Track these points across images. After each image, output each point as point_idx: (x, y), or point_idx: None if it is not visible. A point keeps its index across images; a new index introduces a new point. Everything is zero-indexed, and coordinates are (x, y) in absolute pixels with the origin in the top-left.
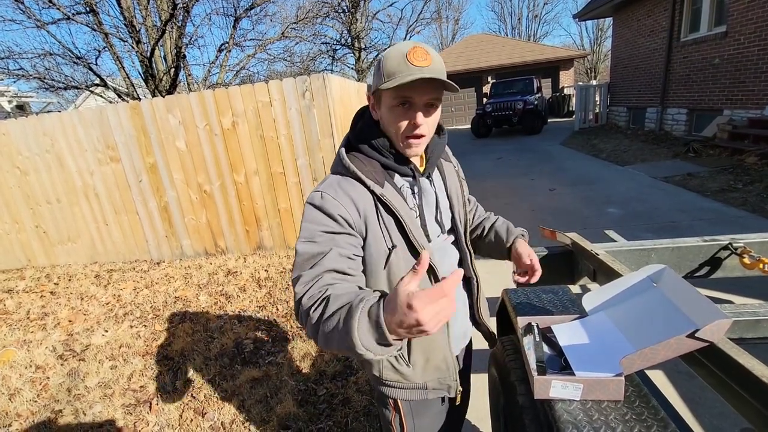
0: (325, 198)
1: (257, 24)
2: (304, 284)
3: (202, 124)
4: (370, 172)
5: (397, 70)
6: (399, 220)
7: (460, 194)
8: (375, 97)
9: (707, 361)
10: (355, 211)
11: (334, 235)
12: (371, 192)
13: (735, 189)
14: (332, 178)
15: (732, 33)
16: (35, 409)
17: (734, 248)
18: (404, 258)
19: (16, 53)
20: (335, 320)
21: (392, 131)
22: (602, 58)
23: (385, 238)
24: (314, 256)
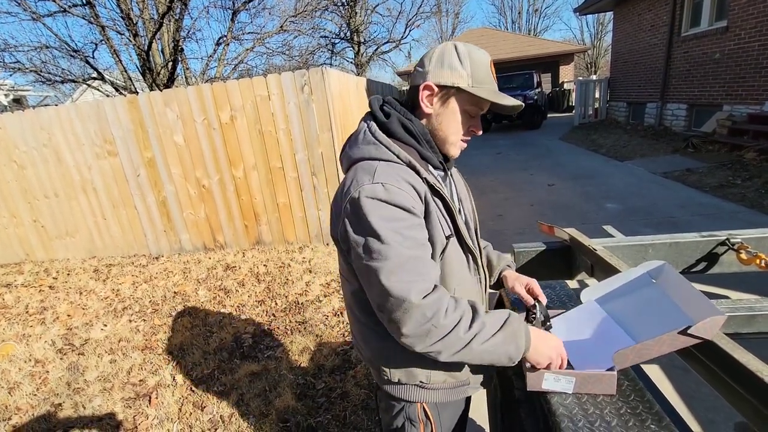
0: (390, 189)
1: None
2: (424, 295)
3: (200, 118)
4: (416, 159)
5: (485, 81)
6: (448, 206)
7: (468, 196)
8: (442, 91)
9: (702, 356)
10: (419, 199)
11: (417, 230)
12: (423, 179)
13: (734, 184)
14: (383, 167)
15: (733, 28)
16: (35, 403)
17: (731, 244)
18: (454, 248)
19: (12, 46)
20: (495, 329)
21: (451, 133)
22: (602, 52)
23: (443, 227)
24: (415, 258)
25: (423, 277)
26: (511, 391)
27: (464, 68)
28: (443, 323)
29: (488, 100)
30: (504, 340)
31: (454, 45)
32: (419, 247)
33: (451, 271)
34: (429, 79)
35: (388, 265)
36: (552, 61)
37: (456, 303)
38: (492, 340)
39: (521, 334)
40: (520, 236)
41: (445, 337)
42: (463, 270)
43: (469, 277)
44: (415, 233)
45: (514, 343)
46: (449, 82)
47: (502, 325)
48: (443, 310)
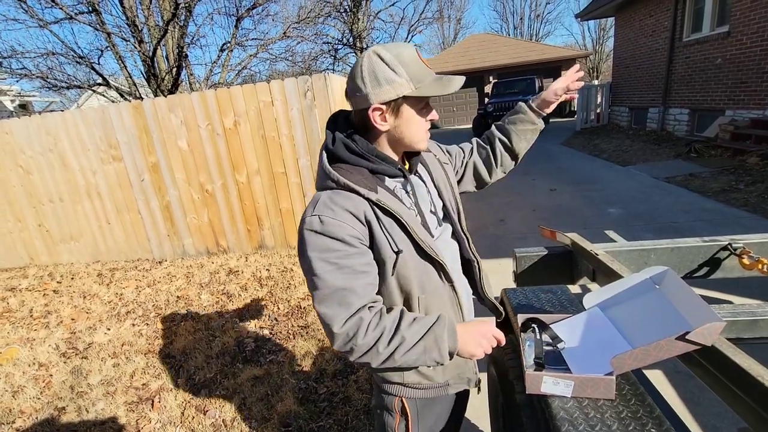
0: (325, 221)
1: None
2: (344, 323)
3: (204, 123)
4: (360, 180)
5: (423, 76)
6: (401, 222)
7: (446, 181)
8: (391, 107)
9: (704, 361)
10: (358, 223)
11: (351, 259)
12: (367, 199)
13: (736, 189)
14: (323, 197)
15: (734, 33)
16: (38, 407)
17: (733, 249)
18: (412, 260)
19: (19, 52)
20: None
21: (415, 134)
22: (604, 58)
23: (390, 243)
24: (341, 290)
25: (347, 308)
26: (512, 395)
27: (400, 75)
28: (361, 343)
29: (435, 95)
30: (425, 349)
31: (377, 54)
32: (354, 276)
33: (408, 282)
34: (373, 101)
35: (318, 294)
36: (554, 66)
37: (378, 320)
38: (412, 350)
39: (443, 339)
40: (521, 241)
41: (367, 353)
42: (428, 280)
43: (440, 285)
44: (351, 261)
45: (436, 349)
46: (394, 96)
47: (424, 334)
48: (363, 331)
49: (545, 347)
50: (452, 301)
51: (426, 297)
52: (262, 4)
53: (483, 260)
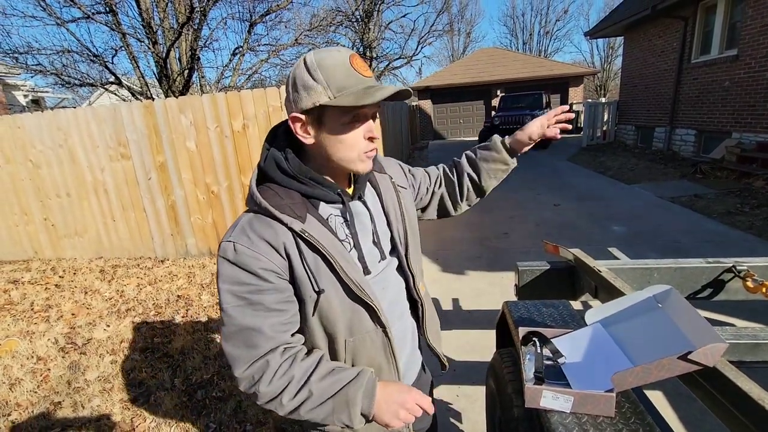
0: (239, 250)
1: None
2: (246, 367)
3: (213, 125)
4: (287, 206)
5: (347, 84)
6: (326, 258)
7: (398, 209)
8: (310, 116)
9: (706, 383)
10: (277, 255)
11: (263, 295)
12: (290, 229)
13: (742, 212)
14: (243, 221)
15: (743, 57)
16: (35, 400)
17: (738, 271)
18: (339, 301)
19: (36, 49)
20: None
21: (345, 152)
22: (612, 76)
23: (311, 282)
24: (248, 329)
25: (253, 350)
26: (511, 409)
27: (318, 82)
28: (264, 391)
29: (356, 105)
30: (333, 409)
31: (304, 60)
32: (265, 314)
33: (333, 324)
34: (293, 109)
35: (224, 330)
36: (561, 83)
37: (288, 367)
38: (319, 409)
39: (356, 401)
40: (524, 255)
41: (270, 402)
42: (356, 322)
43: (371, 329)
44: (263, 298)
45: (346, 412)
46: (311, 104)
47: (336, 392)
48: (267, 379)
49: (545, 361)
50: (385, 348)
51: (354, 341)
52: (276, 11)
53: (485, 273)
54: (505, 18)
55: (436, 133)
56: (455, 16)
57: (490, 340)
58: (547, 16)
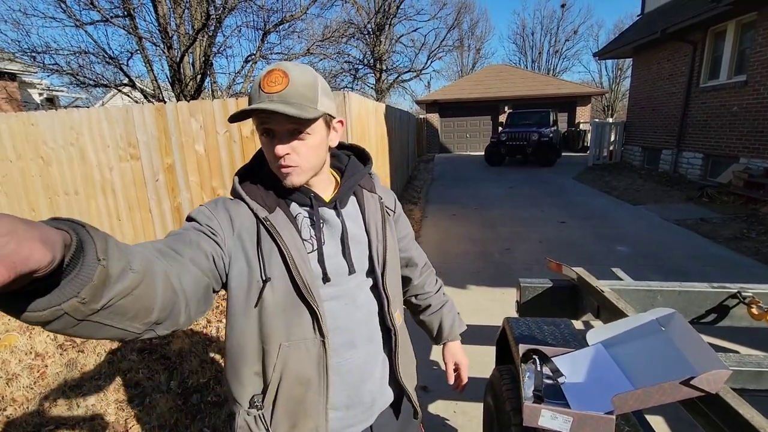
0: (200, 209)
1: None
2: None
3: (223, 130)
4: (260, 195)
5: (253, 97)
6: (281, 249)
7: (380, 231)
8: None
9: (707, 409)
10: (229, 227)
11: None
12: (254, 215)
13: (748, 238)
14: (219, 198)
15: (752, 83)
16: (31, 396)
17: (743, 297)
18: (283, 297)
19: (53, 49)
20: None
21: (269, 161)
22: (620, 96)
23: (261, 268)
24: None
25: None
26: (509, 427)
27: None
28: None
29: (239, 114)
30: None
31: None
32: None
33: (271, 322)
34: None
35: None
36: (569, 102)
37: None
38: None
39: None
40: (527, 271)
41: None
42: (296, 325)
43: (309, 337)
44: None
45: None
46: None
47: None
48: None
49: (545, 380)
50: (319, 360)
51: (289, 346)
52: (290, 21)
53: (486, 288)
54: (515, 36)
55: (443, 146)
56: (465, 32)
57: (490, 357)
58: (557, 35)
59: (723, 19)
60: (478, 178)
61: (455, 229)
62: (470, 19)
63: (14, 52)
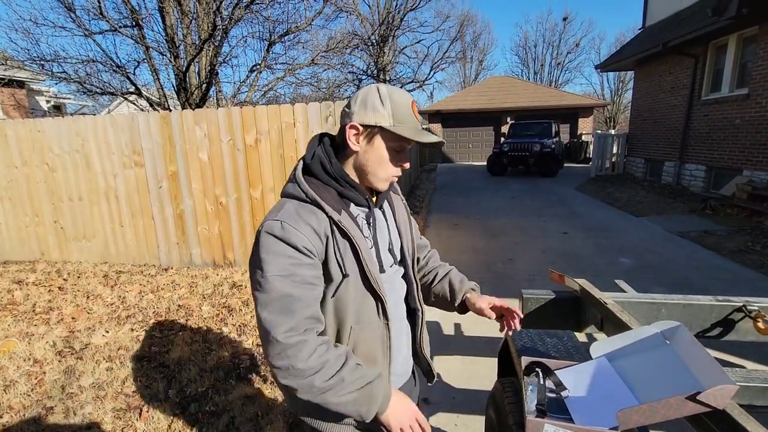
0: (286, 228)
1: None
2: (286, 333)
3: (227, 138)
4: (328, 198)
5: (406, 120)
6: (354, 246)
7: (408, 225)
8: (367, 130)
9: (714, 426)
10: (317, 239)
11: (302, 268)
12: (329, 218)
13: (752, 251)
14: (290, 206)
15: (754, 96)
16: (27, 403)
17: (748, 311)
18: (355, 288)
19: (62, 58)
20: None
21: (379, 169)
22: (622, 108)
23: (340, 266)
24: (288, 296)
25: (291, 316)
26: None
27: (385, 109)
28: (300, 367)
29: (408, 138)
30: (356, 400)
31: (377, 87)
32: (301, 286)
33: (345, 309)
34: (354, 119)
35: (262, 297)
36: (571, 113)
37: (324, 351)
38: (346, 397)
39: (377, 398)
40: (529, 282)
41: (302, 380)
42: (365, 312)
43: (375, 320)
44: (301, 270)
45: (367, 405)
46: (372, 122)
47: (363, 386)
48: (305, 355)
49: (548, 394)
50: (383, 340)
51: (358, 329)
52: (295, 32)
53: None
54: (518, 48)
55: (445, 156)
56: (468, 44)
57: (492, 369)
58: (559, 48)
59: (724, 33)
60: (481, 188)
61: (457, 238)
62: (473, 32)
63: (24, 60)
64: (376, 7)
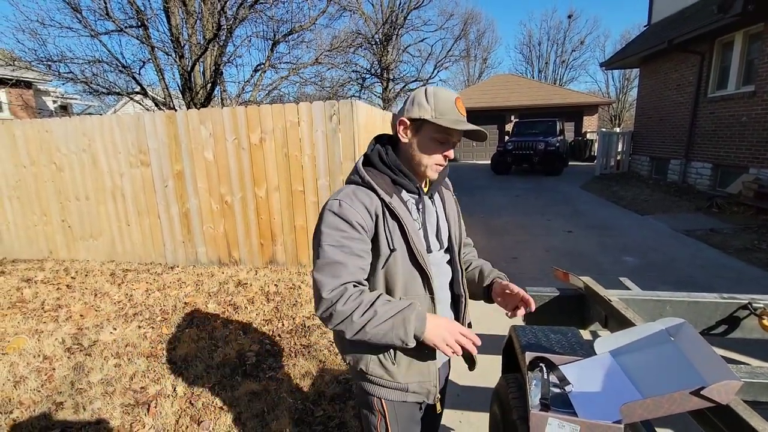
0: (343, 206)
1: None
2: (331, 291)
3: (232, 137)
4: (381, 183)
5: (448, 113)
6: (402, 225)
7: (456, 218)
8: (413, 124)
9: (718, 422)
10: (368, 216)
11: (352, 241)
12: (381, 199)
13: (759, 249)
14: (348, 188)
15: (760, 93)
16: (37, 399)
17: (754, 308)
18: (402, 262)
19: (69, 58)
20: (387, 317)
21: (424, 157)
22: (627, 106)
23: (388, 241)
24: (337, 263)
25: (336, 279)
26: None
27: (429, 104)
28: (340, 309)
29: (449, 127)
30: (393, 325)
31: (426, 87)
32: (348, 255)
33: (393, 281)
34: (403, 115)
35: (318, 262)
36: (576, 111)
37: (359, 295)
38: (382, 325)
39: (410, 320)
40: (533, 281)
41: (343, 321)
42: (412, 285)
43: (421, 293)
44: (351, 243)
45: (403, 328)
46: (417, 116)
47: (395, 314)
48: (343, 300)
49: (552, 388)
50: (429, 312)
51: (407, 299)
52: (299, 31)
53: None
54: (522, 46)
55: None
56: (472, 42)
57: (496, 366)
58: (563, 45)
59: (730, 30)
60: (485, 187)
61: None
62: (477, 30)
63: (31, 61)
64: (379, 5)
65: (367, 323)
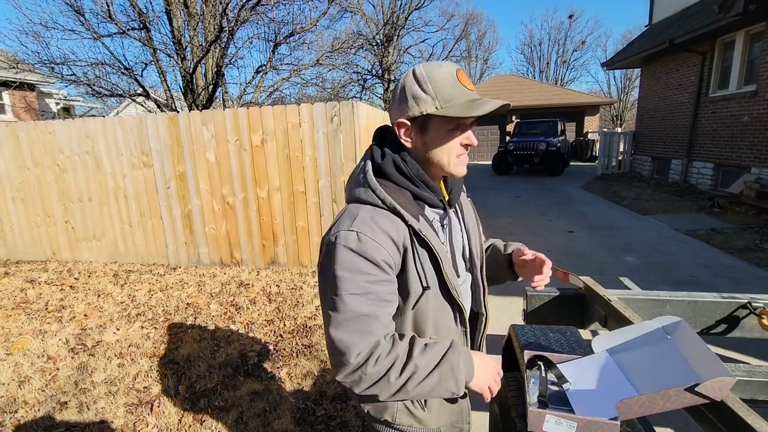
0: (363, 240)
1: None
2: (360, 353)
3: (233, 139)
4: (404, 203)
5: (455, 96)
6: (435, 256)
7: (476, 226)
8: (415, 123)
9: (716, 420)
10: (395, 249)
11: (379, 285)
12: (409, 226)
13: (760, 249)
14: (364, 213)
15: (762, 92)
16: (42, 399)
17: (753, 308)
18: (434, 299)
19: (71, 60)
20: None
21: (443, 155)
22: (629, 106)
23: (420, 277)
24: (365, 317)
25: (368, 337)
26: None
27: (428, 93)
28: (371, 372)
29: (460, 116)
30: (440, 378)
31: (413, 72)
32: (377, 303)
33: (425, 321)
34: (399, 115)
35: (336, 317)
36: (577, 111)
37: (391, 347)
38: (427, 381)
39: (459, 368)
40: None
41: (376, 384)
42: (443, 321)
43: (453, 329)
44: (378, 288)
45: (453, 378)
46: (418, 112)
47: (438, 362)
48: (373, 359)
49: (550, 386)
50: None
51: (438, 339)
52: (300, 33)
53: (492, 297)
54: (523, 46)
55: None
56: (473, 43)
57: None
58: (565, 46)
59: (731, 30)
60: (486, 187)
61: None
62: (478, 30)
63: (34, 64)
64: (380, 6)
65: (407, 382)
